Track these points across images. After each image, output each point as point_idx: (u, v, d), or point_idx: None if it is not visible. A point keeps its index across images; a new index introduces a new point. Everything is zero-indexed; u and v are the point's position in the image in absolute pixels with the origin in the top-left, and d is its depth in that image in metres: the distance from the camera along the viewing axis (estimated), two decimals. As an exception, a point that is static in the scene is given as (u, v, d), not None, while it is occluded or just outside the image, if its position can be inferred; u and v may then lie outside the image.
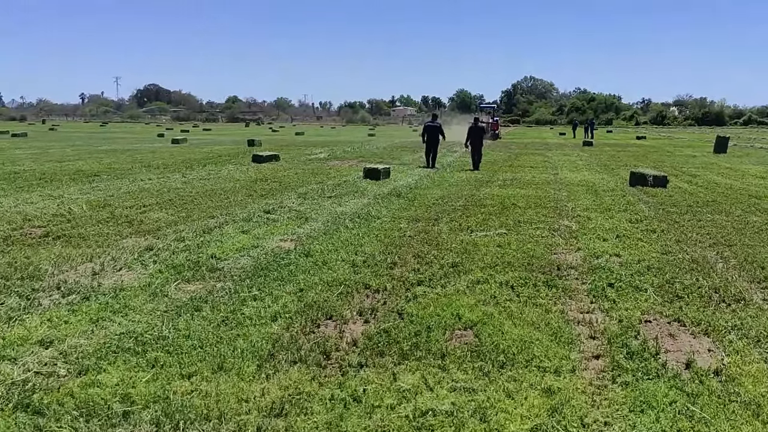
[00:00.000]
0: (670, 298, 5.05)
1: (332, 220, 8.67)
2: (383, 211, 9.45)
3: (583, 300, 5.01)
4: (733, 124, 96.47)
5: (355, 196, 11.21)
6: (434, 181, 14.06)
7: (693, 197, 11.37)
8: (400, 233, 7.74)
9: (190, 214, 9.00)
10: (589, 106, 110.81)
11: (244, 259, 6.24)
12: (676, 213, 9.54)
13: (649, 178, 12.87)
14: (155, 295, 4.93)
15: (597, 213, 9.50)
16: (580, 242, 7.30)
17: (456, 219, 8.82)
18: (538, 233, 7.78)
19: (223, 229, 7.86)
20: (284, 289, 5.18)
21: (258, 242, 7.10)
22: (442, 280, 5.54)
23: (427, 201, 10.71)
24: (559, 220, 8.86)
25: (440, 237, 7.49)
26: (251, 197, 11.01)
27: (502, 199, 10.84)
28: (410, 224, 8.40)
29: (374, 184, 13.15)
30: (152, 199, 10.60)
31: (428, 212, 9.45)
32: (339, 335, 4.15)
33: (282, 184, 13.04)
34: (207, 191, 11.75)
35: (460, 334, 4.16)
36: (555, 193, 11.83)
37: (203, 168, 16.78)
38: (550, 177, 15.16)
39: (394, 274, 5.74)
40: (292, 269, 5.83)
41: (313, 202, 10.39)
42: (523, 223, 8.58)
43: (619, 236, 7.64)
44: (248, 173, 15.44)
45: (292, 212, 9.31)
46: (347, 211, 9.41)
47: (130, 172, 15.22)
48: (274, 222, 8.48)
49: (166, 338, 3.98)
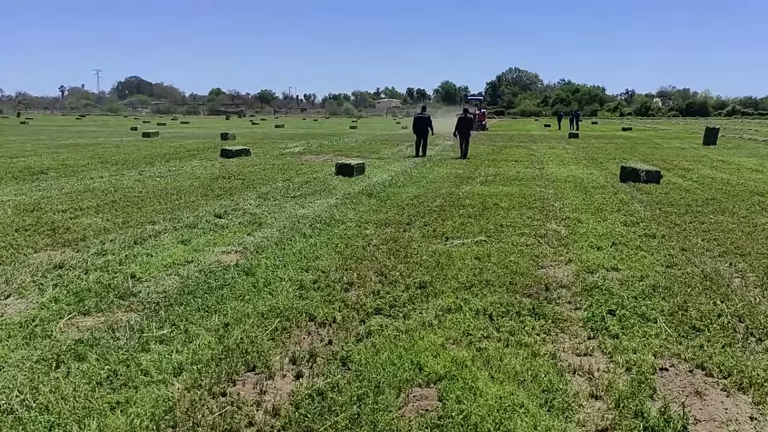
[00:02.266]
0: (687, 332, 4.06)
1: (290, 225, 7.61)
2: (350, 214, 8.40)
3: (578, 335, 4.02)
4: (717, 115, 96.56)
5: (322, 196, 10.14)
6: (411, 177, 13.02)
7: (690, 195, 10.46)
8: (364, 242, 6.71)
9: (128, 220, 7.87)
10: (573, 97, 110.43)
11: (170, 280, 5.16)
12: (675, 214, 8.61)
13: (642, 174, 11.95)
14: (33, 337, 3.83)
15: (588, 214, 8.54)
16: (570, 252, 6.32)
17: (431, 223, 7.80)
18: (522, 240, 6.79)
19: (159, 239, 6.76)
20: (205, 323, 4.11)
21: (194, 256, 6.01)
22: (406, 306, 4.52)
23: (401, 201, 9.67)
24: (545, 223, 7.88)
25: (410, 247, 6.46)
26: (206, 198, 9.89)
27: (483, 199, 9.84)
28: (378, 230, 7.37)
29: (346, 182, 12.09)
30: (93, 201, 9.43)
31: (400, 215, 8.42)
32: (258, 399, 3.10)
33: (245, 182, 11.92)
34: (159, 191, 10.60)
35: (420, 395, 3.13)
36: (541, 191, 10.86)
37: (165, 164, 15.58)
38: (536, 172, 14.19)
39: (348, 298, 4.71)
40: (223, 294, 4.77)
41: (274, 204, 9.30)
42: (506, 227, 7.59)
43: (615, 244, 6.67)
44: (212, 170, 14.28)
45: (247, 216, 8.23)
46: (309, 215, 8.35)
47: (82, 169, 13.97)
48: (222, 229, 7.39)
49: (13, 411, 2.89)
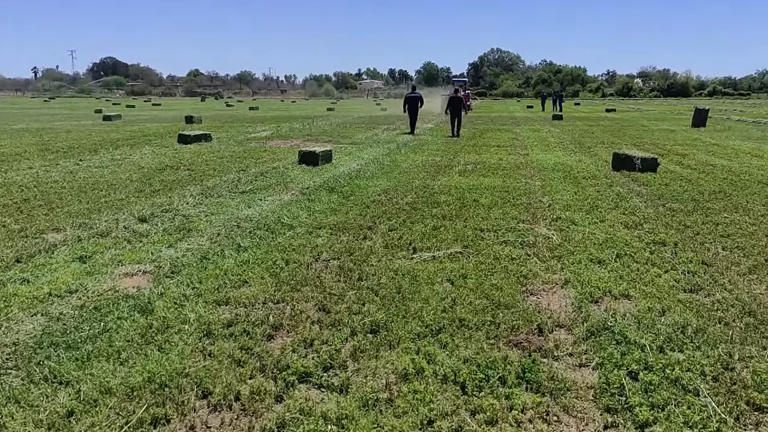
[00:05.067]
0: (744, 413, 2.82)
1: (225, 232, 6.24)
2: (302, 216, 7.06)
3: (590, 420, 2.76)
4: (698, 95, 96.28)
5: (276, 191, 8.76)
6: (382, 166, 11.66)
7: (693, 186, 9.27)
8: (311, 256, 5.38)
9: (27, 226, 6.43)
10: (555, 78, 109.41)
11: (30, 324, 3.79)
12: (683, 211, 7.41)
13: (637, 161, 10.73)
14: None
15: (582, 213, 7.30)
16: (566, 268, 5.06)
17: (397, 227, 6.50)
18: (506, 252, 5.51)
19: (52, 254, 5.36)
20: (39, 408, 2.77)
21: (85, 281, 4.62)
22: (347, 367, 3.23)
23: (367, 197, 8.33)
24: (533, 225, 6.62)
25: (368, 263, 5.15)
26: (139, 194, 8.46)
27: (461, 193, 8.55)
28: (332, 238, 6.04)
29: (308, 172, 10.70)
30: (0, 199, 7.96)
31: (363, 215, 7.09)
32: None
33: (192, 174, 10.48)
34: (88, 185, 9.13)
35: None
36: (526, 183, 9.59)
37: (113, 151, 13.99)
38: (520, 159, 12.91)
39: (268, 355, 3.39)
40: (93, 349, 3.42)
41: (216, 202, 7.91)
42: (487, 231, 6.32)
43: (619, 256, 5.43)
44: (161, 158, 12.77)
45: (178, 219, 6.84)
46: (254, 216, 6.99)
47: (14, 159, 12.37)
48: (139, 238, 6.00)
49: None
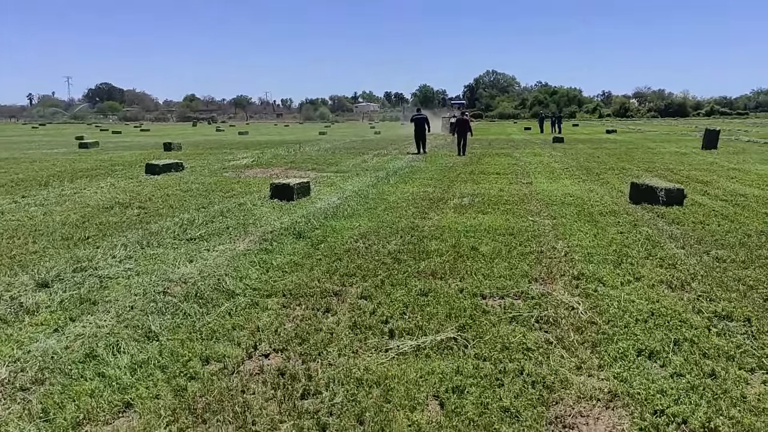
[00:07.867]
0: None
1: (142, 305, 4.68)
2: (252, 275, 5.49)
3: None
4: (696, 115, 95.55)
5: (232, 237, 7.21)
6: (366, 200, 10.11)
7: (735, 224, 7.74)
8: (243, 350, 3.81)
9: None
10: (551, 99, 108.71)
11: None
12: (734, 261, 5.87)
13: (660, 194, 9.22)
14: None
15: (609, 266, 5.75)
16: (607, 367, 3.50)
17: (372, 292, 4.94)
18: (517, 339, 3.95)
19: None
20: None
21: None
22: None
23: (341, 244, 6.78)
24: (550, 287, 5.07)
25: (322, 362, 3.59)
26: (65, 242, 6.91)
27: (456, 238, 7.00)
28: (281, 314, 4.47)
29: (278, 210, 9.16)
30: None
31: (331, 274, 5.53)
32: None
33: (144, 213, 8.94)
34: (6, 232, 7.59)
35: None
36: (534, 222, 8.05)
37: (67, 185, 12.45)
38: (524, 190, 11.40)
39: None
40: None
41: (152, 254, 6.35)
42: (490, 298, 4.77)
43: (677, 343, 3.87)
44: (115, 193, 11.24)
45: (89, 282, 5.26)
46: (190, 277, 5.42)
47: (-53, 196, 10.84)
48: (21, 316, 4.42)
49: None
